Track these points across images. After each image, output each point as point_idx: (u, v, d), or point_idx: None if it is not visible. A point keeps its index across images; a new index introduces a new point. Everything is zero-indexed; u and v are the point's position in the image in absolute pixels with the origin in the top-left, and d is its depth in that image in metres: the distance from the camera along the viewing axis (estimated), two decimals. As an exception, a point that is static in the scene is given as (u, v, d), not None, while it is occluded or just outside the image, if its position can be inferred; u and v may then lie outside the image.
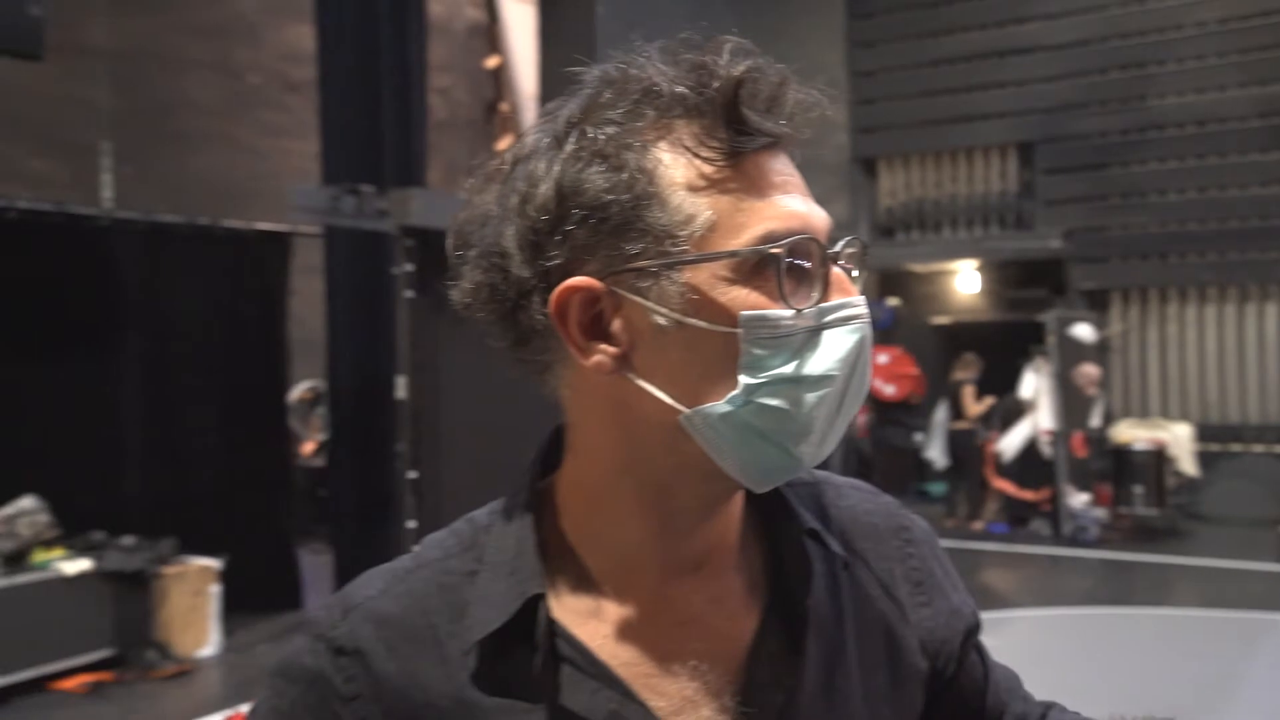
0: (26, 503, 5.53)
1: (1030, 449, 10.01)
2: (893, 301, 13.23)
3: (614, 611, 0.78)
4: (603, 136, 0.72)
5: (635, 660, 0.77)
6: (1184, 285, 11.92)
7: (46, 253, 6.37)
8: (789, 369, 0.71)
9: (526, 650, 0.75)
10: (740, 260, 0.71)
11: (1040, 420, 9.90)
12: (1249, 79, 11.59)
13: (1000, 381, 10.54)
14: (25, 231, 6.23)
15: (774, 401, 0.71)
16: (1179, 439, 10.22)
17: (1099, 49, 12.24)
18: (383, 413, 5.80)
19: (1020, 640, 6.73)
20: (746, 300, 0.71)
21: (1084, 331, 10.12)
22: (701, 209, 0.72)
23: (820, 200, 0.78)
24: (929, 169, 13.37)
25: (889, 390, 12.19)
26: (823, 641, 0.82)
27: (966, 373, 10.66)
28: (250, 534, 6.79)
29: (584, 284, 0.73)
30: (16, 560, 5.36)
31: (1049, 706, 0.98)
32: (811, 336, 0.72)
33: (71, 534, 5.77)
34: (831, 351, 0.72)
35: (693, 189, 0.72)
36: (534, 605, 0.75)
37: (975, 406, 10.52)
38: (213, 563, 6.03)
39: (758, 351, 0.71)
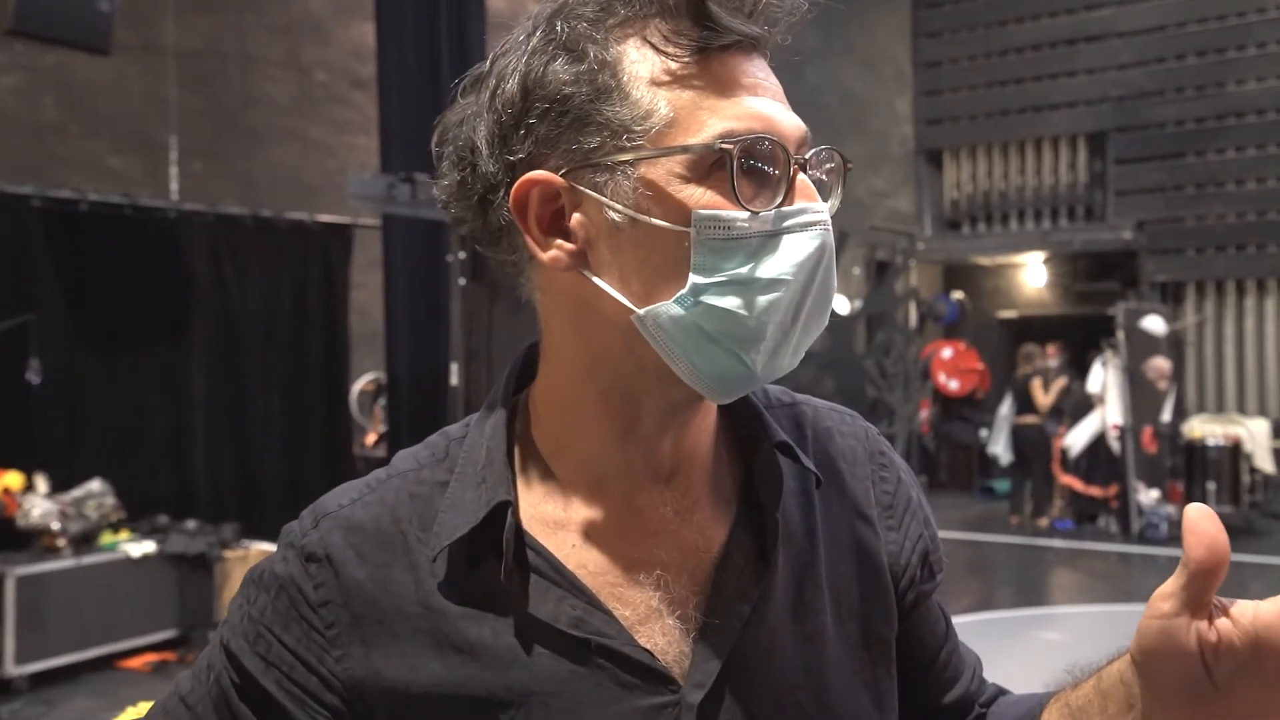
0: (94, 485, 5.70)
1: (1098, 444, 9.78)
2: (958, 295, 13.03)
3: (582, 521, 0.78)
4: (568, 30, 0.72)
5: (602, 569, 0.77)
6: (1263, 276, 11.57)
7: (117, 244, 6.56)
8: (739, 271, 0.70)
9: (494, 558, 0.75)
10: (697, 158, 0.70)
11: (1108, 415, 9.67)
12: (1334, 63, 11.20)
13: (1068, 376, 10.33)
14: (96, 224, 6.42)
15: (722, 303, 0.70)
16: (1255, 435, 9.90)
17: (1176, 34, 11.92)
18: (438, 401, 5.86)
19: (1087, 636, 6.60)
20: (701, 199, 0.70)
21: (1155, 324, 9.87)
22: (661, 104, 0.70)
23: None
24: (996, 160, 13.14)
25: (953, 385, 12.02)
26: (793, 556, 0.81)
27: (1029, 365, 10.46)
28: (311, 522, 6.92)
29: (542, 178, 0.72)
30: (85, 541, 5.52)
31: (1002, 691, 0.96)
32: (768, 241, 0.70)
33: (138, 517, 5.93)
34: (787, 256, 0.70)
35: (655, 83, 0.71)
36: (501, 513, 0.75)
37: (1045, 398, 10.31)
38: (274, 548, 6.15)
39: (709, 252, 0.70)
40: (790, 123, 0.73)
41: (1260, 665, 0.61)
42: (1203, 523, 0.61)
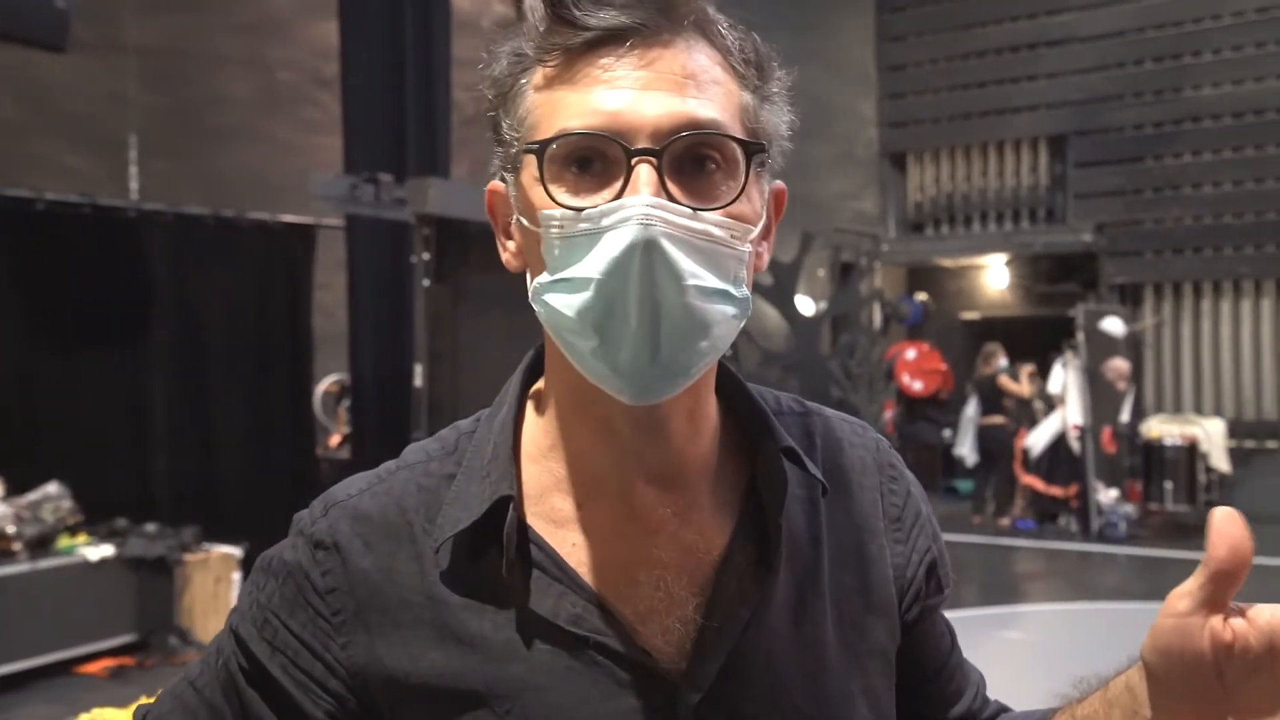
0: (51, 488, 5.62)
1: (1059, 444, 9.90)
2: (921, 297, 13.13)
3: (584, 519, 0.79)
4: (508, 49, 0.76)
5: (603, 567, 0.78)
6: (1219, 279, 11.74)
7: (75, 244, 6.47)
8: (567, 270, 0.70)
9: (496, 553, 0.76)
10: (547, 159, 0.71)
11: (1069, 415, 9.79)
12: (1287, 70, 11.39)
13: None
14: (54, 223, 6.33)
15: (555, 302, 0.71)
16: (1212, 435, 10.06)
17: (1135, 40, 12.08)
18: (402, 402, 5.84)
19: (1048, 634, 6.67)
20: (542, 199, 0.72)
21: (1113, 325, 10.00)
22: (533, 109, 0.74)
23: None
24: (959, 163, 13.26)
25: (917, 386, 12.11)
26: (796, 562, 0.81)
27: (991, 366, 10.56)
28: (274, 524, 6.85)
29: (496, 186, 0.79)
30: (41, 545, 5.44)
31: (1004, 708, 0.96)
32: (594, 239, 0.69)
33: (96, 520, 5.85)
34: (602, 254, 0.69)
35: (536, 89, 0.74)
36: (503, 507, 0.76)
37: (1024, 386, 10.41)
38: (235, 551, 6.10)
39: (555, 251, 0.72)
40: (649, 112, 0.70)
41: (1274, 667, 0.62)
42: (1228, 524, 0.62)
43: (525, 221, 0.74)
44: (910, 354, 12.15)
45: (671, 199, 0.70)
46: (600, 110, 0.70)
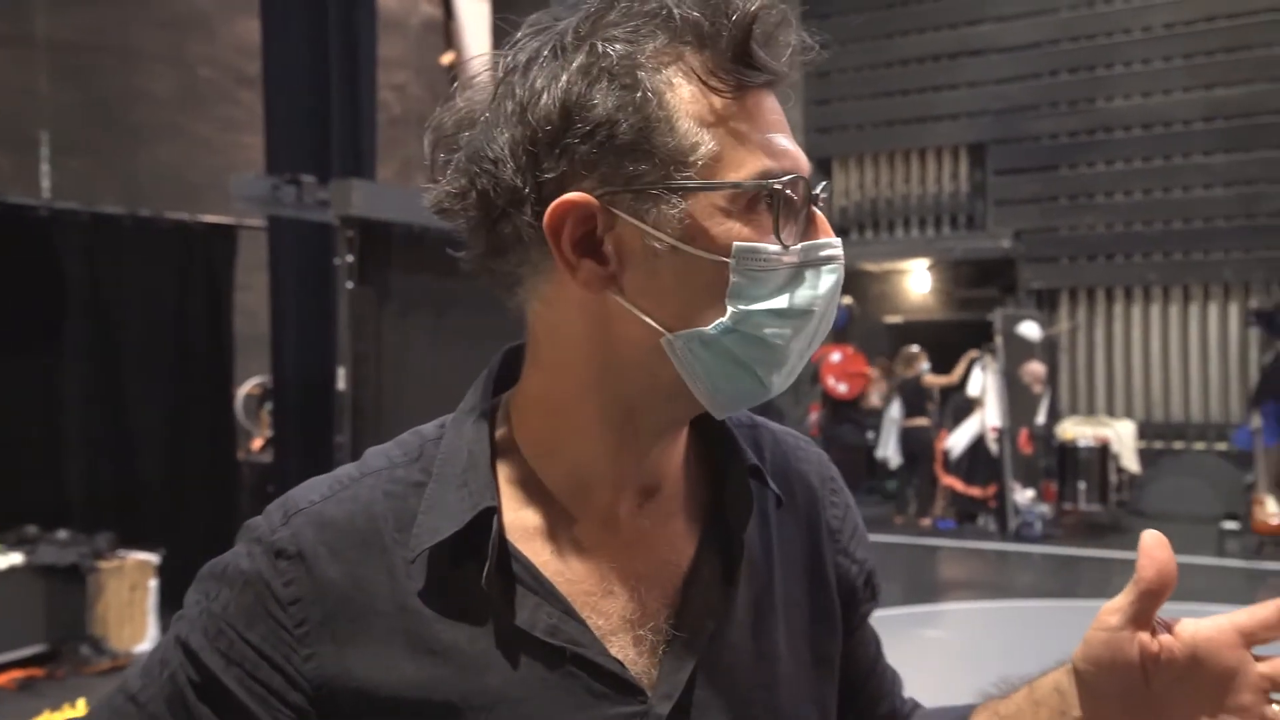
0: (-42, 495, 5.44)
1: (978, 446, 10.12)
2: (846, 300, 13.31)
3: (563, 529, 0.79)
4: (614, 53, 0.72)
5: (578, 578, 0.78)
6: (1130, 285, 12.12)
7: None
8: (774, 301, 0.74)
9: (473, 563, 0.75)
10: (737, 193, 0.73)
11: (988, 417, 10.01)
12: (1194, 83, 11.80)
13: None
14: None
15: (757, 331, 0.73)
16: (1122, 436, 10.37)
17: (1050, 52, 12.41)
18: (326, 405, 5.75)
19: (967, 632, 6.81)
20: (740, 232, 0.73)
21: (1030, 329, 10.25)
22: (706, 139, 0.72)
23: None
24: (883, 169, 13.49)
25: (842, 388, 12.28)
26: (753, 575, 0.84)
27: (913, 368, 10.76)
28: (194, 529, 6.72)
29: (582, 200, 0.72)
30: (-53, 554, 5.27)
31: (918, 705, 1.01)
32: (795, 272, 0.74)
33: (4, 528, 5.68)
34: (814, 288, 0.75)
35: (699, 119, 0.73)
36: (486, 518, 0.75)
37: (948, 376, 10.63)
38: (151, 557, 5.96)
39: (745, 282, 0.73)
40: (804, 160, 0.76)
41: (1195, 676, 0.69)
42: (1157, 548, 0.69)
43: (693, 249, 0.72)
44: (835, 357, 12.31)
45: None
46: (790, 154, 0.75)
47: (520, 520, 0.79)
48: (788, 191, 0.73)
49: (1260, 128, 11.53)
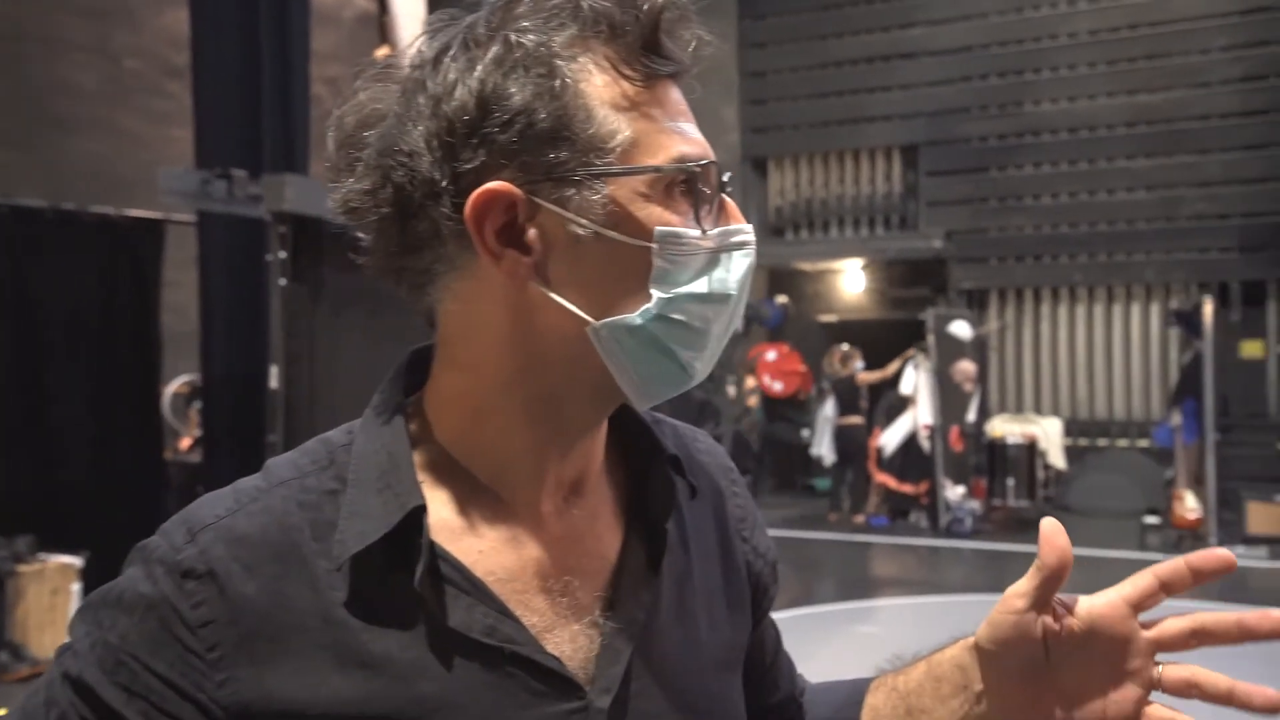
0: None
1: (910, 443, 10.27)
2: (781, 299, 13.43)
3: (490, 527, 0.78)
4: (528, 43, 0.72)
5: (509, 576, 0.77)
6: (1056, 286, 12.40)
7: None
8: (695, 286, 0.75)
9: (400, 567, 0.73)
10: (656, 178, 0.74)
11: (920, 415, 10.17)
12: (1117, 88, 12.10)
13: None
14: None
15: (680, 316, 0.74)
16: (1049, 433, 10.60)
17: (980, 55, 12.63)
18: (257, 404, 5.66)
19: (900, 627, 6.91)
20: (661, 217, 0.74)
21: (961, 329, 10.43)
22: (623, 126, 0.73)
23: None
24: (818, 169, 13.62)
25: (777, 387, 12.39)
26: (674, 565, 0.84)
27: (848, 367, 10.89)
28: (120, 531, 6.56)
29: (504, 189, 0.72)
30: None
31: (807, 684, 1.05)
32: (713, 257, 0.76)
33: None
34: (731, 272, 0.76)
35: (615, 106, 0.74)
36: (413, 519, 0.74)
37: (882, 371, 10.76)
38: (74, 560, 5.81)
39: (668, 267, 0.74)
40: (710, 148, 0.78)
41: (1091, 647, 0.76)
42: (1056, 536, 0.75)
43: (616, 235, 0.73)
44: (771, 355, 12.42)
45: None
46: (700, 141, 0.77)
47: (446, 520, 0.77)
48: (705, 177, 0.75)
49: (1180, 133, 11.86)
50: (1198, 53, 11.85)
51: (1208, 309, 9.19)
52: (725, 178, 0.78)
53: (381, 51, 11.90)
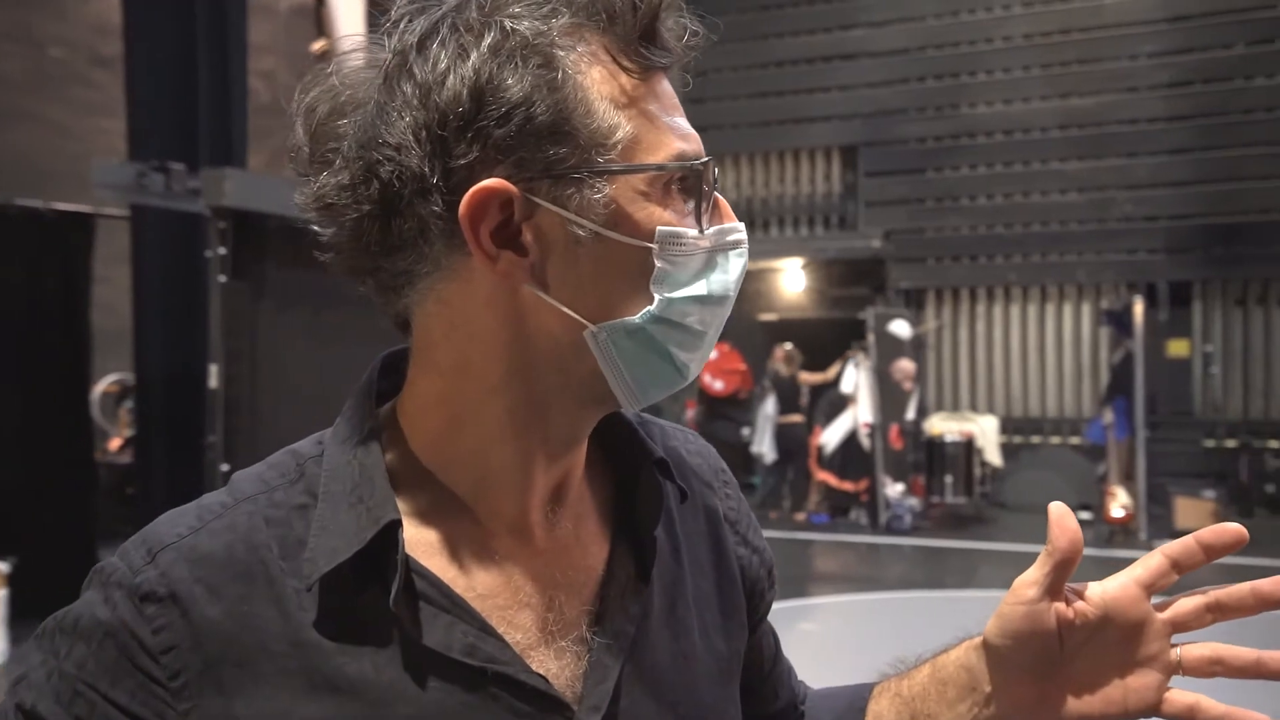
0: None
1: (850, 441, 10.37)
2: (722, 298, 13.46)
3: (470, 541, 0.74)
4: (526, 31, 0.68)
5: (491, 592, 0.73)
6: (992, 285, 12.61)
7: None
8: (694, 288, 0.72)
9: (374, 586, 0.69)
10: (656, 176, 0.71)
11: (860, 414, 10.27)
12: (1051, 92, 12.34)
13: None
14: None
15: (680, 318, 0.72)
16: (986, 431, 10.77)
17: (917, 58, 12.80)
18: (194, 404, 5.53)
19: (840, 624, 6.97)
20: (661, 217, 0.71)
21: (900, 328, 10.55)
22: (623, 121, 0.70)
23: None
24: (758, 169, 13.70)
25: (718, 385, 12.43)
26: (664, 574, 0.81)
27: (791, 366, 10.96)
28: (48, 534, 6.36)
29: (501, 187, 0.68)
30: None
31: (808, 690, 1.02)
32: (709, 257, 0.73)
33: None
34: (727, 273, 0.74)
35: (614, 101, 0.70)
36: (388, 534, 0.70)
37: (823, 374, 10.84)
38: (0, 565, 5.62)
39: (669, 268, 0.71)
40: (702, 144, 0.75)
41: (1105, 634, 0.74)
42: (1067, 519, 0.73)
43: (617, 235, 0.70)
44: (711, 354, 12.45)
45: None
46: (696, 137, 0.74)
47: (422, 535, 0.73)
48: (705, 175, 0.73)
49: (1110, 136, 12.13)
50: (1126, 58, 12.13)
51: (1138, 309, 9.40)
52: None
53: (319, 45, 11.70)
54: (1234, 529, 0.71)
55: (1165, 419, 11.08)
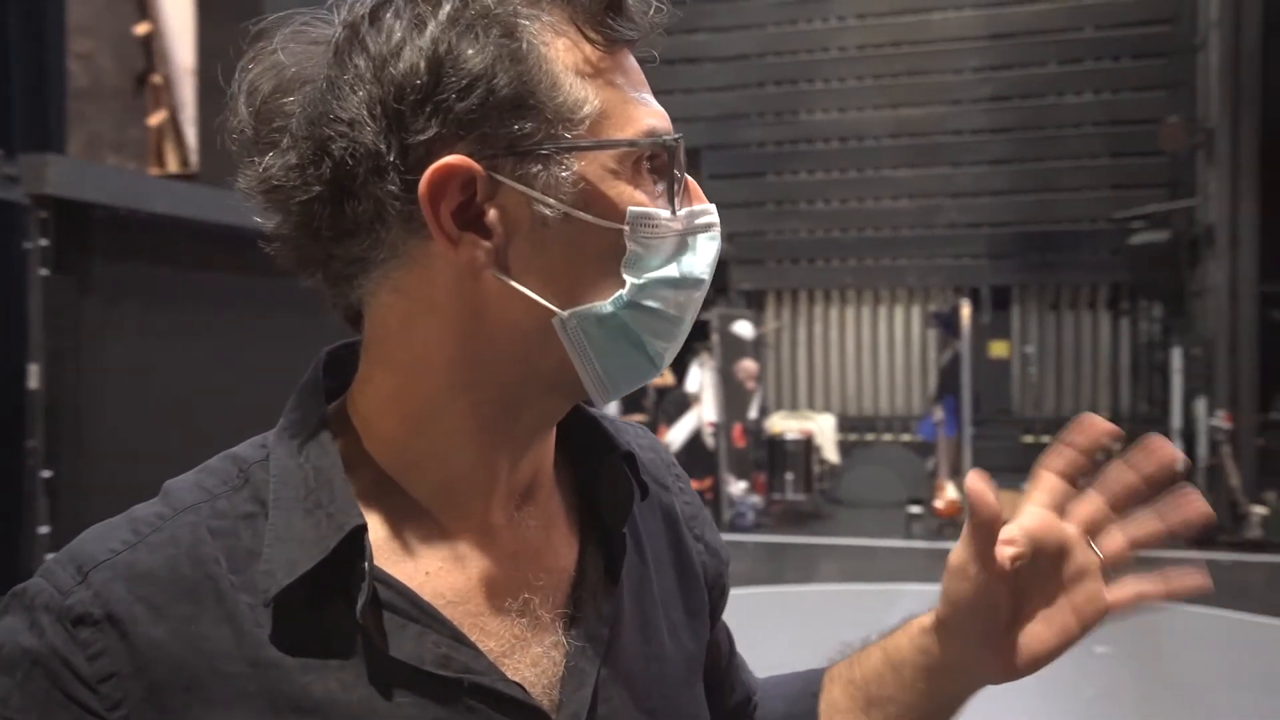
0: None
1: (695, 440, 10.51)
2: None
3: (435, 546, 0.70)
4: (481, 3, 0.64)
5: (461, 598, 0.69)
6: (829, 288, 13.04)
7: None
8: (667, 270, 0.68)
9: (336, 596, 0.64)
10: (626, 154, 0.67)
11: (704, 413, 10.42)
12: (884, 102, 12.85)
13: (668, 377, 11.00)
14: None
15: (654, 303, 0.68)
16: (824, 429, 11.10)
17: (759, 64, 13.12)
18: (12, 405, 5.14)
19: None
20: (633, 197, 0.67)
21: (743, 329, 10.77)
22: (590, 95, 0.66)
23: None
24: (603, 170, 13.77)
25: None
26: (630, 572, 0.78)
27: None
28: None
29: (463, 164, 0.63)
30: None
31: (760, 682, 1.01)
32: (681, 240, 0.69)
33: None
34: (701, 256, 0.70)
35: (580, 73, 0.66)
36: (353, 541, 0.64)
37: (661, 378, 10.93)
38: None
39: (641, 250, 0.67)
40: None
41: (1039, 567, 0.73)
42: (984, 493, 0.71)
43: (587, 216, 0.66)
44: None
45: None
46: (664, 114, 0.71)
47: (384, 540, 0.68)
48: (676, 154, 0.69)
49: (937, 146, 12.73)
50: (952, 72, 12.74)
51: (965, 311, 9.86)
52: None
53: (142, 27, 11.08)
54: (1093, 418, 0.73)
55: (988, 417, 11.68)
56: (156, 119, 9.13)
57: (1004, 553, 0.71)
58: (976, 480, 0.71)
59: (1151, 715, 4.86)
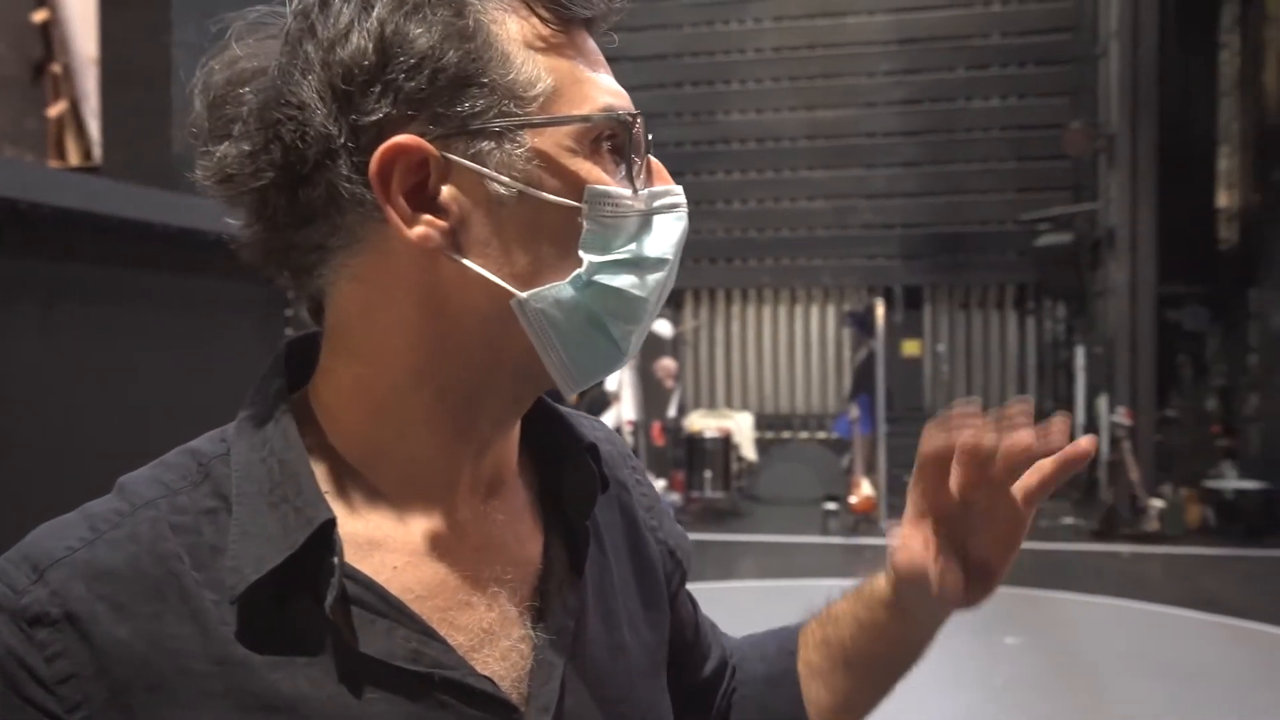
0: None
1: (614, 439, 10.52)
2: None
3: (401, 540, 0.69)
4: None
5: (430, 593, 0.68)
6: (746, 288, 13.16)
7: None
8: (627, 250, 0.68)
9: (302, 591, 0.63)
10: (583, 130, 0.66)
11: (624, 411, 10.43)
12: (798, 104, 13.02)
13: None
14: None
15: (616, 283, 0.67)
16: (742, 427, 11.20)
17: (676, 64, 13.18)
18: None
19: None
20: (590, 174, 0.66)
21: (663, 327, 10.81)
22: (543, 71, 0.66)
23: None
24: (520, 167, 13.71)
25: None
26: (593, 564, 0.78)
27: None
28: None
29: (412, 143, 0.63)
30: None
31: (738, 642, 1.02)
32: (644, 220, 0.69)
33: None
34: (665, 236, 0.70)
35: (531, 48, 0.66)
36: (322, 535, 0.63)
37: None
38: None
39: (599, 229, 0.66)
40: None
41: (975, 476, 0.76)
42: (931, 449, 0.77)
43: (543, 194, 0.65)
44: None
45: None
46: (624, 94, 0.70)
47: (351, 534, 0.67)
48: (635, 131, 0.69)
49: (851, 148, 12.94)
50: (865, 75, 12.96)
51: (880, 311, 10.04)
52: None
53: (39, 15, 10.69)
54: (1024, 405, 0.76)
55: (901, 414, 11.90)
56: (56, 110, 8.80)
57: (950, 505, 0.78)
58: (922, 458, 0.77)
59: (1057, 701, 5.00)
